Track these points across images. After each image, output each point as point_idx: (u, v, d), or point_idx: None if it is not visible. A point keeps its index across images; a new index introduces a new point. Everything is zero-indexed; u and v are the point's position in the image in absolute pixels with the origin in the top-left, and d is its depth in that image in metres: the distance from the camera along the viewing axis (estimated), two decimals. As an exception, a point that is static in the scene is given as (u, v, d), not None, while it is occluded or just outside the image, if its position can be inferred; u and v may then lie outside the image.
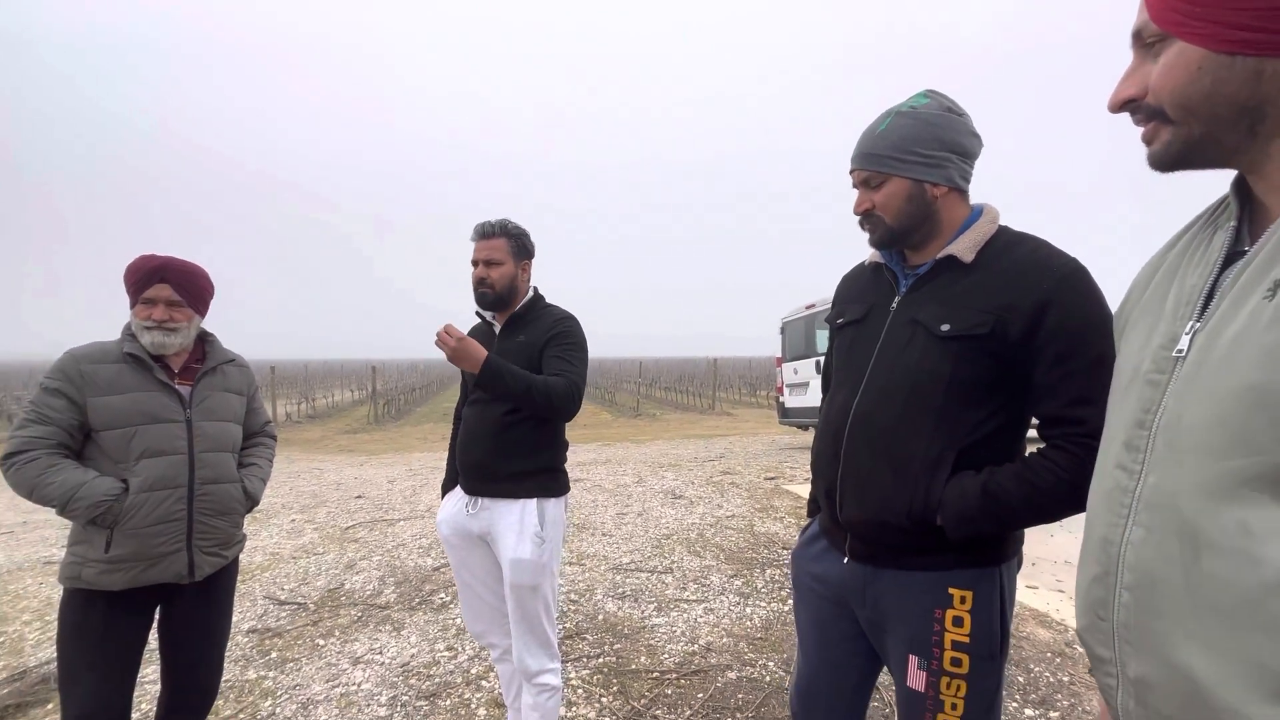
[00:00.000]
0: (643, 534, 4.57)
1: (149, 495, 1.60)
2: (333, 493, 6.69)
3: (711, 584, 3.54)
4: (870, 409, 1.14)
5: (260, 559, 4.25)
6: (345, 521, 5.29)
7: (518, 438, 1.75)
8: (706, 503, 5.52)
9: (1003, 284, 1.06)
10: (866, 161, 1.15)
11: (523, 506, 1.74)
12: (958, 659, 1.08)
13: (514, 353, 1.79)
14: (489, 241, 1.82)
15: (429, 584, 3.66)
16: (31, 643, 3.06)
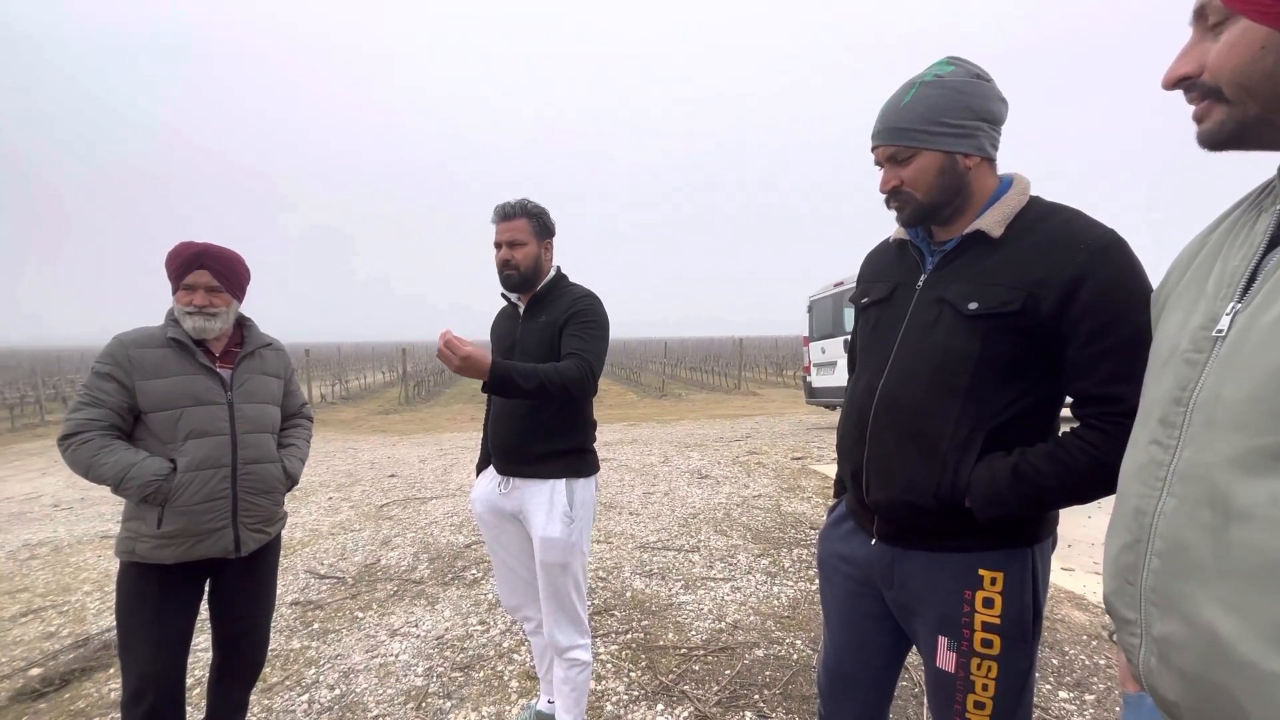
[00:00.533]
0: (669, 513, 4.60)
1: (195, 475, 1.67)
2: (367, 472, 6.88)
3: (738, 563, 3.56)
4: (896, 390, 1.12)
5: (301, 535, 4.42)
6: (380, 499, 5.45)
7: (545, 419, 1.76)
8: (733, 482, 5.53)
9: (1034, 259, 1.02)
10: (892, 136, 1.11)
11: (552, 487, 1.76)
12: (989, 640, 1.07)
13: (537, 333, 1.80)
14: (510, 223, 1.80)
15: (461, 560, 3.76)
16: (93, 611, 3.25)
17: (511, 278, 1.81)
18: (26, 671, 2.63)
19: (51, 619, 3.18)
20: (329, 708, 2.27)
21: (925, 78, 1.09)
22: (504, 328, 1.89)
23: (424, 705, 2.26)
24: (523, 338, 1.81)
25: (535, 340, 1.79)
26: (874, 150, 1.15)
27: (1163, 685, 0.65)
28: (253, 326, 1.90)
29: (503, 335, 1.88)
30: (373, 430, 11.86)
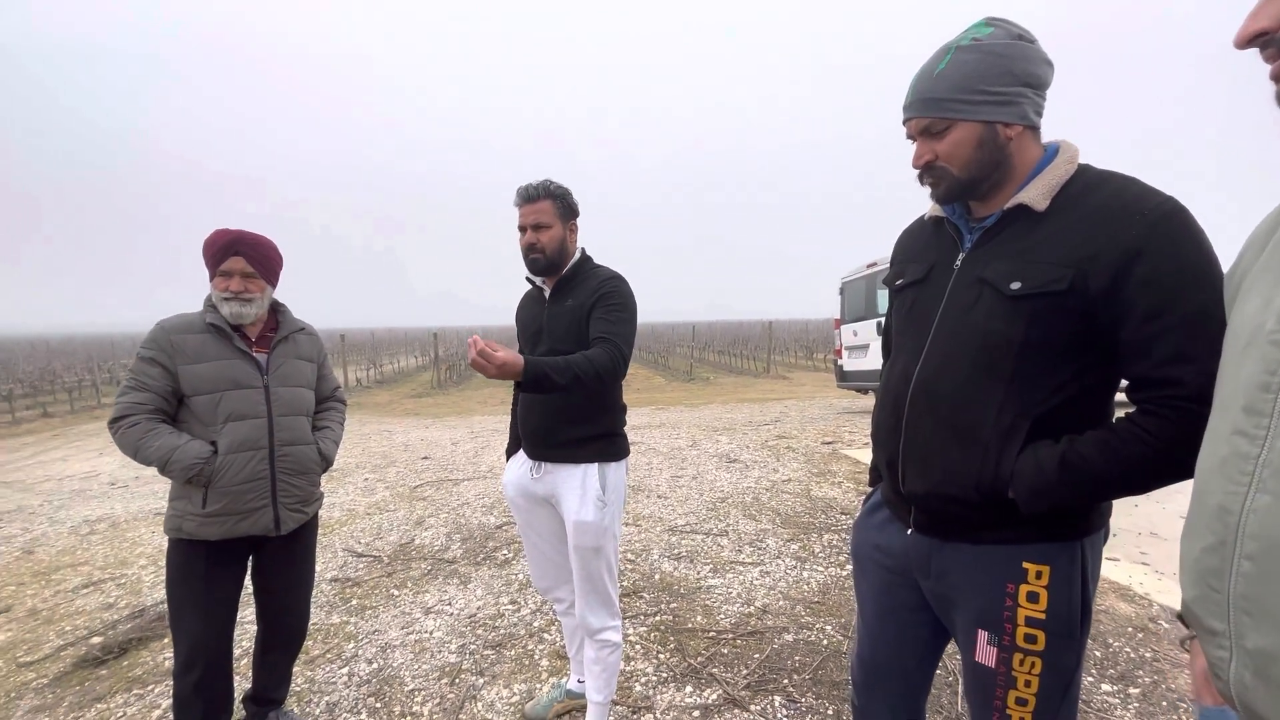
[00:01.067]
0: (697, 497, 4.60)
1: (235, 456, 1.72)
2: (401, 454, 7.04)
3: (767, 547, 3.54)
4: (933, 376, 1.08)
5: (338, 515, 4.55)
6: (413, 481, 5.57)
7: (576, 405, 1.76)
8: (762, 467, 5.50)
9: (1083, 232, 0.96)
10: (926, 108, 1.05)
11: (584, 471, 1.77)
12: (1032, 635, 1.03)
13: (564, 317, 1.78)
14: (534, 205, 1.77)
15: (492, 541, 3.82)
16: (148, 584, 3.42)
17: (537, 261, 1.79)
18: (89, 640, 2.78)
19: (110, 590, 3.35)
20: (367, 680, 2.34)
21: (961, 42, 1.03)
22: (530, 312, 1.88)
23: (457, 681, 2.31)
24: (549, 322, 1.80)
25: (563, 325, 1.78)
26: (905, 123, 1.09)
27: (1260, 703, 0.59)
28: (286, 311, 1.93)
29: (529, 320, 1.87)
30: (406, 413, 12.12)
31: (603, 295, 1.75)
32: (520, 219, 1.78)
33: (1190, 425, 0.88)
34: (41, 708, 2.27)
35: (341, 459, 6.65)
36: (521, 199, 1.78)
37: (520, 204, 1.78)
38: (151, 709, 2.22)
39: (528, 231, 1.78)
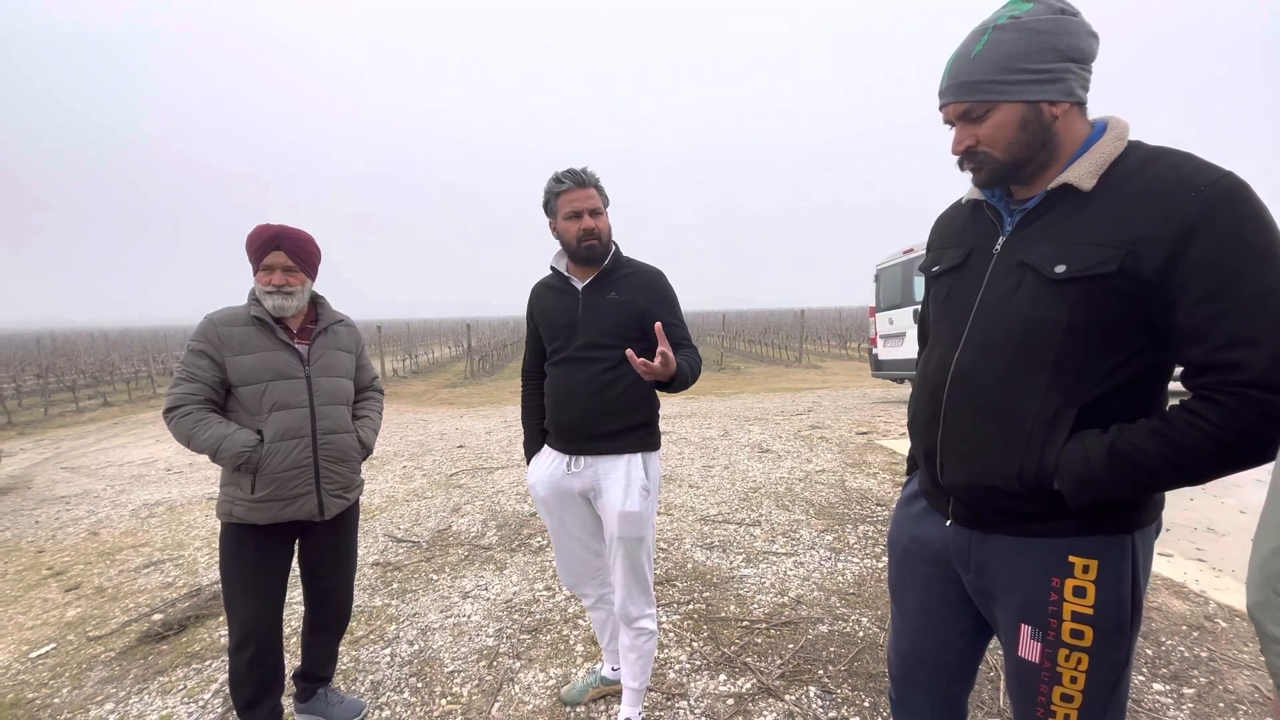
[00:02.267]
0: (729, 487, 4.59)
1: (280, 445, 1.78)
2: (437, 442, 7.19)
3: (801, 538, 3.51)
4: (972, 365, 1.05)
5: (378, 501, 4.68)
6: (449, 469, 5.68)
7: (617, 393, 1.75)
8: (795, 457, 5.45)
9: (1133, 211, 0.92)
10: (963, 92, 1.01)
11: (628, 461, 1.76)
12: (1079, 631, 1.00)
13: (606, 310, 1.76)
14: (586, 190, 1.73)
15: (526, 528, 3.88)
16: (203, 565, 3.59)
17: (594, 249, 1.75)
18: (150, 617, 2.94)
19: (169, 570, 3.53)
20: (409, 661, 2.41)
21: (998, 20, 0.99)
22: (557, 304, 1.83)
23: (495, 664, 2.37)
24: (587, 316, 1.77)
25: (605, 319, 1.75)
26: (942, 109, 1.06)
27: None
28: (325, 304, 1.98)
29: (558, 313, 1.82)
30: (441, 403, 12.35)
31: (664, 298, 1.78)
32: (573, 204, 1.73)
33: (1253, 413, 0.84)
34: (110, 679, 2.40)
35: (380, 447, 6.83)
36: (574, 183, 1.73)
37: (572, 188, 1.73)
38: (209, 683, 2.33)
39: (584, 217, 1.73)
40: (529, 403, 1.97)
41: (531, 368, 1.97)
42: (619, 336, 1.75)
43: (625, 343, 1.75)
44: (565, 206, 1.74)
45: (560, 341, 1.81)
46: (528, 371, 1.99)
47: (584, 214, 1.73)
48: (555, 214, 1.78)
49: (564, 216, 1.75)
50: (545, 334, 1.87)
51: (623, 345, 1.75)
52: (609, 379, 1.75)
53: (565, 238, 1.77)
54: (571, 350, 1.79)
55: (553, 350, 1.85)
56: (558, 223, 1.78)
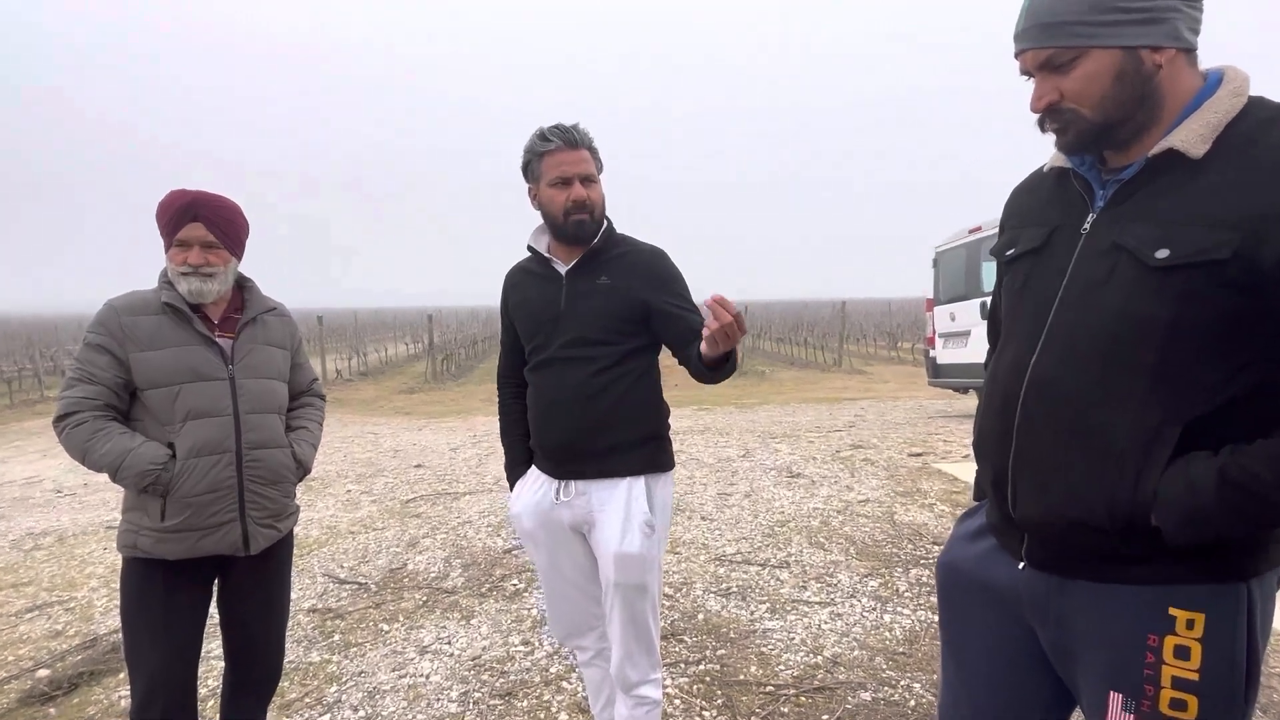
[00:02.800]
0: (751, 519, 4.60)
1: (196, 461, 1.77)
2: (390, 461, 7.21)
3: (839, 583, 3.51)
4: (1053, 370, 1.05)
5: (317, 533, 4.69)
6: (405, 494, 5.70)
7: (614, 401, 1.74)
8: (832, 483, 5.46)
9: (1255, 184, 0.93)
10: (1046, 35, 1.01)
11: (628, 487, 1.75)
12: (1181, 701, 0.99)
13: (596, 298, 1.76)
14: (577, 152, 1.72)
15: (499, 568, 3.89)
16: (100, 609, 3.59)
17: (584, 225, 1.74)
18: (34, 672, 2.94)
19: (58, 616, 3.53)
20: (352, 732, 2.42)
21: None
22: (538, 294, 1.83)
23: (458, 736, 2.37)
24: (572, 305, 1.77)
25: (595, 309, 1.75)
26: (1019, 56, 1.05)
27: None
28: (254, 289, 1.97)
29: (540, 303, 1.82)
30: (395, 411, 12.35)
31: (669, 280, 1.80)
32: (561, 168, 1.72)
33: None
34: (-19, 751, 2.41)
35: (319, 466, 6.84)
36: (563, 142, 1.71)
37: (560, 148, 1.71)
38: (104, 756, 2.34)
39: (574, 185, 1.72)
40: (509, 415, 1.97)
41: (509, 372, 1.98)
42: (613, 330, 1.75)
43: (621, 338, 1.76)
44: (551, 170, 1.73)
45: (541, 339, 1.81)
46: (505, 377, 1.99)
47: (574, 180, 1.72)
48: (537, 179, 1.77)
49: (548, 183, 1.74)
50: (523, 330, 1.87)
51: (618, 341, 1.76)
52: (603, 383, 1.74)
53: (549, 209, 1.76)
54: (555, 349, 1.78)
55: (533, 350, 1.85)
56: (540, 190, 1.77)
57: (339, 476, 6.48)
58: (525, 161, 1.78)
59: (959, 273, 8.95)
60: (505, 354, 1.99)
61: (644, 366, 1.83)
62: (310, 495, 5.70)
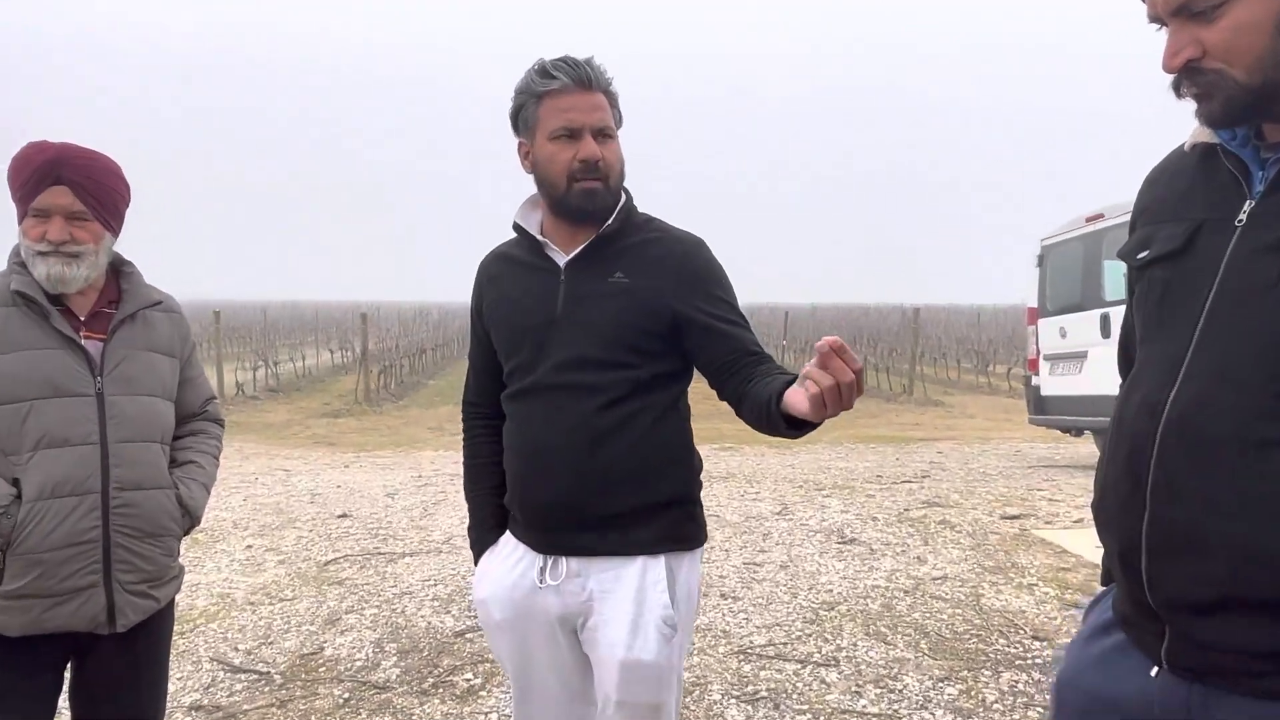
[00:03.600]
0: (788, 599, 4.58)
1: (49, 504, 1.77)
2: (305, 508, 7.18)
3: (905, 689, 3.49)
4: (1201, 405, 1.06)
5: (204, 603, 4.67)
6: (324, 553, 5.68)
7: (627, 448, 1.70)
8: (898, 553, 5.45)
9: None
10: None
11: (642, 570, 1.72)
12: None
13: (609, 301, 1.71)
14: (591, 95, 1.68)
15: (448, 656, 3.86)
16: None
17: (595, 195, 1.69)
18: None
19: None
20: None
21: None
22: (525, 291, 1.79)
23: None
24: (572, 310, 1.72)
25: (605, 316, 1.71)
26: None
27: None
28: (135, 276, 1.98)
29: (524, 306, 1.79)
30: (315, 441, 12.31)
31: (708, 283, 1.77)
32: (568, 114, 1.67)
33: None
34: None
35: (213, 514, 6.82)
36: (573, 80, 1.65)
37: (569, 88, 1.66)
38: None
39: (584, 139, 1.67)
40: (477, 459, 1.93)
41: (480, 398, 1.94)
42: (629, 348, 1.70)
43: (640, 359, 1.71)
44: (554, 118, 1.68)
45: (526, 355, 1.76)
46: (474, 405, 1.95)
47: (583, 133, 1.67)
48: (532, 130, 1.72)
49: (549, 134, 1.69)
50: (502, 341, 1.83)
51: (636, 363, 1.71)
52: (612, 422, 1.69)
53: (547, 172, 1.71)
54: (546, 371, 1.73)
55: (514, 370, 1.80)
56: (536, 145, 1.72)
57: (236, 528, 6.47)
58: (516, 106, 1.74)
59: (1073, 274, 8.98)
60: (476, 374, 1.96)
61: (669, 400, 1.79)
62: (198, 552, 5.67)
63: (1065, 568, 5.10)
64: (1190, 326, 1.09)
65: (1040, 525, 6.18)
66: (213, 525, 6.47)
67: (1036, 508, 6.79)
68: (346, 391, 18.58)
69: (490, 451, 1.92)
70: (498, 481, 1.90)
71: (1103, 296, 8.45)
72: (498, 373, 1.88)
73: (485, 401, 1.94)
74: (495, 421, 1.91)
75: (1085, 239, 8.75)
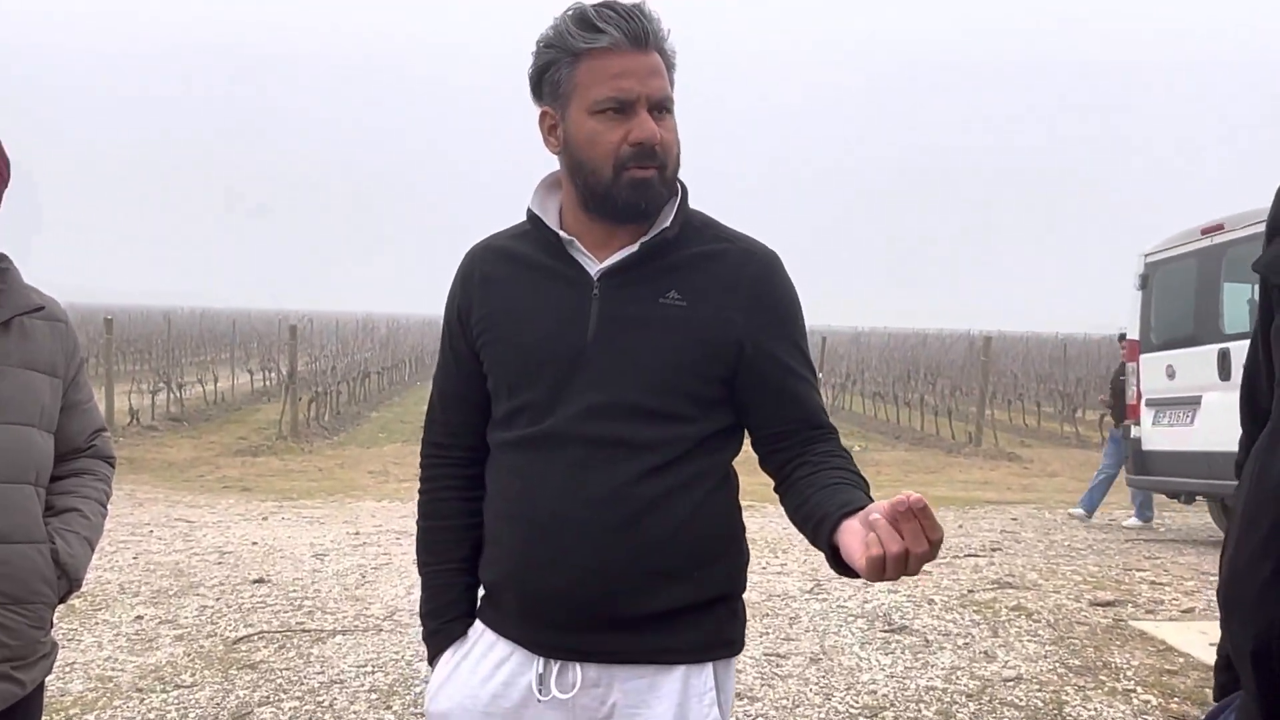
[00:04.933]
0: (819, 701, 4.57)
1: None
2: (212, 570, 7.17)
3: (967, 821, 3.47)
4: None
5: (80, 688, 4.64)
6: (234, 628, 5.66)
7: (678, 527, 1.64)
8: (961, 646, 5.45)
9: None
10: None
11: (685, 680, 1.68)
12: None
13: (662, 328, 1.64)
14: (647, 58, 1.61)
15: (388, 765, 3.85)
16: None
17: (650, 188, 1.62)
18: None
19: None
20: None
21: None
22: (541, 303, 1.71)
23: None
24: (612, 336, 1.65)
25: (658, 345, 1.64)
26: None
27: None
28: (12, 274, 1.99)
29: (544, 319, 1.69)
30: (226, 486, 12.29)
31: (788, 316, 1.72)
32: (617, 83, 1.60)
33: None
34: None
35: (95, 574, 6.79)
36: (626, 35, 1.58)
37: (621, 45, 1.59)
38: None
39: (639, 114, 1.61)
40: (442, 519, 1.85)
41: (453, 437, 1.85)
42: (686, 395, 1.64)
43: (699, 409, 1.65)
44: (599, 86, 1.60)
45: (541, 391, 1.67)
46: (440, 445, 1.87)
47: (639, 106, 1.60)
48: (566, 98, 1.64)
49: (592, 107, 1.61)
50: (504, 367, 1.74)
51: (693, 415, 1.66)
52: (658, 491, 1.62)
53: (589, 155, 1.63)
54: (569, 417, 1.64)
55: (519, 409, 1.71)
56: (571, 119, 1.64)
57: (124, 593, 6.45)
58: (543, 65, 1.66)
59: (1185, 299, 9.04)
60: (447, 405, 1.86)
61: (723, 466, 1.74)
62: (73, 623, 5.65)
63: (1171, 669, 5.10)
64: None
65: (1139, 615, 6.19)
66: (95, 589, 6.44)
67: (1135, 593, 6.80)
68: (268, 423, 18.59)
69: (460, 511, 1.82)
70: (467, 552, 1.81)
71: (1222, 328, 8.49)
72: (482, 406, 1.79)
73: (459, 444, 1.84)
74: (469, 471, 1.82)
75: (1201, 255, 8.80)
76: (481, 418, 1.80)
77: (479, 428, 1.81)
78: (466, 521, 1.82)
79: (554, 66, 1.64)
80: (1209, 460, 8.25)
